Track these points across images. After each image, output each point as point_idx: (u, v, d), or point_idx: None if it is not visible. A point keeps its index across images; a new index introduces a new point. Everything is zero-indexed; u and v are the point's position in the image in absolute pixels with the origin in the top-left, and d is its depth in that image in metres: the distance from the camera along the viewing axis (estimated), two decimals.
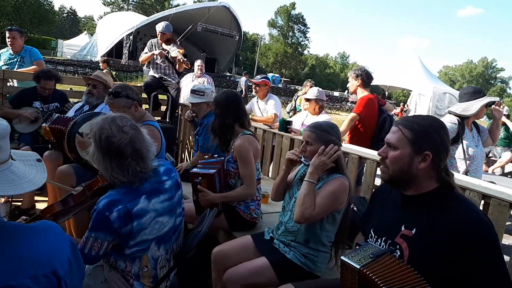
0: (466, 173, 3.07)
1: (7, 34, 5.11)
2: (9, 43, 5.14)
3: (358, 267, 1.35)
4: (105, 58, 5.92)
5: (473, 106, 3.11)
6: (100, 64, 5.91)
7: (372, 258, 1.38)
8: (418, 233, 1.44)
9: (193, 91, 3.80)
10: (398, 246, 1.47)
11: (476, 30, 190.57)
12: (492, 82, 74.79)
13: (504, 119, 6.53)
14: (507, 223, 2.25)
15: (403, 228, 1.49)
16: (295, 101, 8.36)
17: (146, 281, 1.86)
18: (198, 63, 6.68)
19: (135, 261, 1.82)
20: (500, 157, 6.51)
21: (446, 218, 1.39)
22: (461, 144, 3.13)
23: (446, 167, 1.52)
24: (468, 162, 3.11)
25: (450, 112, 3.24)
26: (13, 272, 1.00)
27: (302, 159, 2.20)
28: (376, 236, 1.59)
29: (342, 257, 1.44)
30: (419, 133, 1.47)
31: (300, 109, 6.94)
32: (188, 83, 6.36)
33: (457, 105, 3.24)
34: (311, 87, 10.10)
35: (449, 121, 3.16)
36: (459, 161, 3.13)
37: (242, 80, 18.51)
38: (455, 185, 1.51)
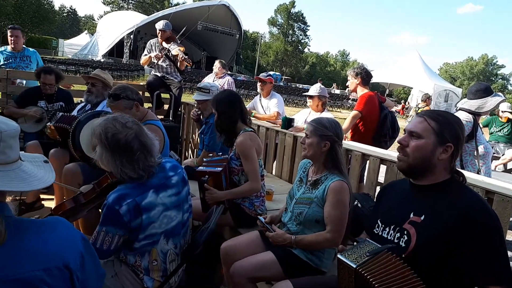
0: (478, 171, 3.08)
1: (10, 33, 5.13)
2: (12, 41, 5.15)
3: (355, 266, 1.36)
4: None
5: (488, 103, 3.12)
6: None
7: (369, 256, 1.38)
8: (426, 219, 1.48)
9: (199, 88, 3.81)
10: (405, 232, 1.50)
11: (476, 27, 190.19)
12: (493, 79, 74.59)
13: (508, 115, 6.56)
14: (511, 219, 2.27)
15: (412, 215, 1.53)
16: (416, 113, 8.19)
17: (156, 275, 1.89)
18: (216, 64, 6.14)
19: (144, 255, 1.85)
20: (503, 154, 6.52)
21: (454, 206, 1.43)
22: (475, 142, 3.13)
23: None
24: (481, 161, 3.13)
25: (462, 109, 3.23)
26: (26, 265, 1.04)
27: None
28: (383, 225, 1.62)
29: (339, 256, 1.45)
30: (444, 124, 1.52)
31: None
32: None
33: (468, 101, 3.22)
34: (428, 98, 10.49)
35: (464, 118, 3.15)
36: (475, 158, 3.14)
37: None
38: (465, 177, 1.58)
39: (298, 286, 1.82)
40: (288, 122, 4.18)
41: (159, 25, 5.50)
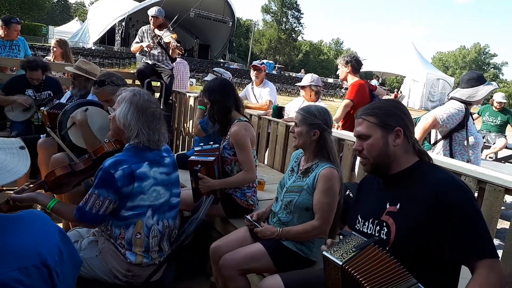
0: (468, 161, 3.07)
1: (13, 27, 5.02)
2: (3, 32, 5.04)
3: (341, 263, 1.34)
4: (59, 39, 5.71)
5: (479, 92, 3.08)
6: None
7: (354, 252, 1.36)
8: (402, 207, 1.47)
9: (213, 71, 3.77)
10: (384, 224, 1.49)
11: (470, 16, 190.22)
12: (485, 68, 74.81)
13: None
14: (502, 208, 2.26)
15: (388, 206, 1.52)
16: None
17: (138, 249, 1.92)
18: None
19: (129, 227, 1.89)
20: (494, 143, 6.56)
21: (425, 188, 1.43)
22: (465, 131, 3.11)
23: (417, 141, 1.59)
24: (470, 151, 3.11)
25: (453, 98, 3.21)
26: (0, 265, 0.95)
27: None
28: (363, 221, 1.61)
29: (324, 253, 1.42)
30: (382, 115, 1.54)
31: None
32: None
33: (460, 90, 3.18)
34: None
35: (455, 107, 3.13)
36: (464, 148, 3.13)
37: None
38: (430, 156, 1.59)
39: (287, 280, 1.81)
40: (278, 111, 4.14)
41: (152, 12, 5.38)
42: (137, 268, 1.92)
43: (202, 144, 2.97)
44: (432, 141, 3.32)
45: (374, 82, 24.87)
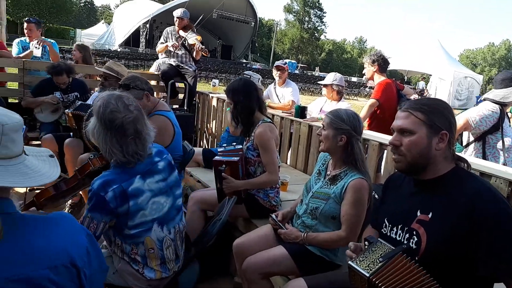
0: (504, 164, 2.95)
1: (25, 25, 5.19)
2: (27, 34, 5.21)
3: (368, 275, 1.28)
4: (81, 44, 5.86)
5: None
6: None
7: (382, 262, 1.30)
8: (435, 217, 1.39)
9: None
10: (415, 232, 1.42)
11: (499, 12, 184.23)
12: None
13: None
14: None
15: (418, 214, 1.44)
16: None
17: (154, 264, 1.87)
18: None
19: (139, 245, 1.82)
20: None
21: (460, 198, 1.34)
22: (500, 134, 3.00)
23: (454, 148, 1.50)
24: (506, 153, 2.99)
25: (487, 99, 3.08)
26: (30, 264, 1.00)
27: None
28: (390, 225, 1.54)
29: (350, 263, 1.36)
30: (431, 113, 1.42)
31: None
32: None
33: (494, 91, 3.06)
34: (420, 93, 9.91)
35: (489, 108, 3.01)
36: (498, 150, 3.02)
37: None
38: (470, 164, 1.49)
39: (312, 283, 1.77)
40: (301, 111, 4.10)
41: (177, 13, 5.43)
42: (157, 281, 1.89)
43: (225, 144, 2.98)
44: (464, 143, 3.21)
45: (421, 84, 24.15)
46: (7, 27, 5.74)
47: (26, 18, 5.38)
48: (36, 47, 4.99)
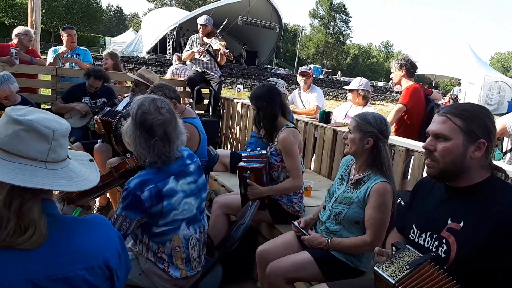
0: None
1: (66, 33, 5.20)
2: (70, 41, 5.26)
3: (393, 282, 1.24)
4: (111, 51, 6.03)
5: None
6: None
7: (409, 269, 1.26)
8: (467, 226, 1.35)
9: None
10: (444, 240, 1.38)
11: None
12: None
13: None
14: None
15: (449, 222, 1.40)
16: None
17: (180, 262, 1.91)
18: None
19: (166, 243, 1.86)
20: None
21: (494, 207, 1.29)
22: None
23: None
24: None
25: None
26: (69, 264, 1.03)
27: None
28: (419, 232, 1.50)
29: (376, 268, 1.32)
30: (470, 120, 1.35)
31: None
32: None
33: None
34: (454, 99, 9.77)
35: None
36: None
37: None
38: (507, 174, 1.43)
39: None
40: (326, 116, 4.08)
41: (201, 20, 5.53)
42: (183, 280, 1.93)
43: (249, 149, 2.99)
44: (504, 150, 3.10)
45: (456, 89, 23.58)
46: (41, 35, 5.94)
47: (65, 26, 5.48)
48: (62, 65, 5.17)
